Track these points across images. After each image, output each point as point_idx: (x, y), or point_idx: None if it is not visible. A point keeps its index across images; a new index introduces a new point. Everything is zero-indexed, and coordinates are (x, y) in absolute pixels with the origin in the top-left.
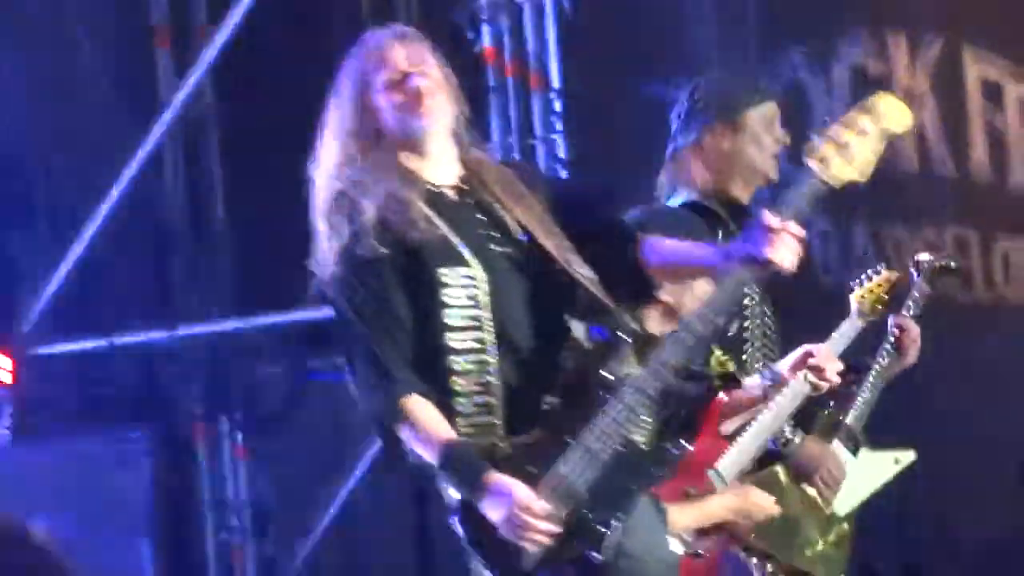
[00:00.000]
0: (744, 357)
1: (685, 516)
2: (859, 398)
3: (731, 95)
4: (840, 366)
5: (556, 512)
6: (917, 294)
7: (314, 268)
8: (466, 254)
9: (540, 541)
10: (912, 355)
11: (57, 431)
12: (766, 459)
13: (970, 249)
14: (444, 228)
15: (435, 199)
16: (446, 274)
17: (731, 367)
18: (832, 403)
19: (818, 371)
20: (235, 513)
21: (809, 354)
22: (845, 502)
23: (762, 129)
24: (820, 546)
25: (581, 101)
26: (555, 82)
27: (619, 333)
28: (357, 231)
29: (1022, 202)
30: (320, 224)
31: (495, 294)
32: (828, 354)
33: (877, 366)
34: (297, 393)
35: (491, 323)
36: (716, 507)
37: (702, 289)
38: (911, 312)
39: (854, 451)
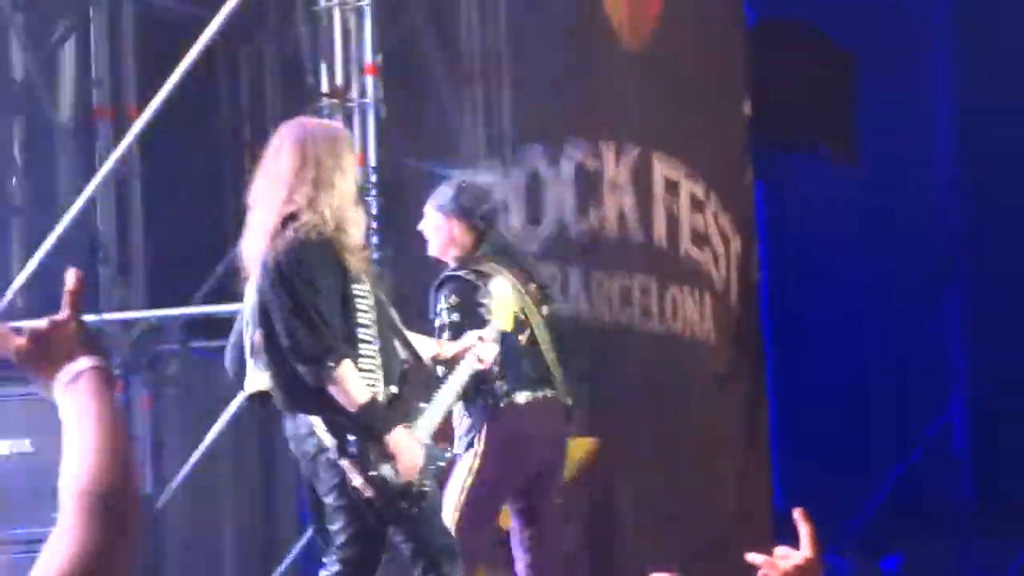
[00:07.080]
0: None
1: None
2: None
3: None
4: (494, 350)
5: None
6: None
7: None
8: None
9: (419, 474)
10: None
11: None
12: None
13: (651, 293)
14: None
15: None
16: (357, 289)
17: None
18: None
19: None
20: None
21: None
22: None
23: None
24: None
25: (390, 178)
26: (372, 162)
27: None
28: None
29: (688, 263)
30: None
31: (377, 312)
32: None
33: None
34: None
35: (376, 330)
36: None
37: None
38: None
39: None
